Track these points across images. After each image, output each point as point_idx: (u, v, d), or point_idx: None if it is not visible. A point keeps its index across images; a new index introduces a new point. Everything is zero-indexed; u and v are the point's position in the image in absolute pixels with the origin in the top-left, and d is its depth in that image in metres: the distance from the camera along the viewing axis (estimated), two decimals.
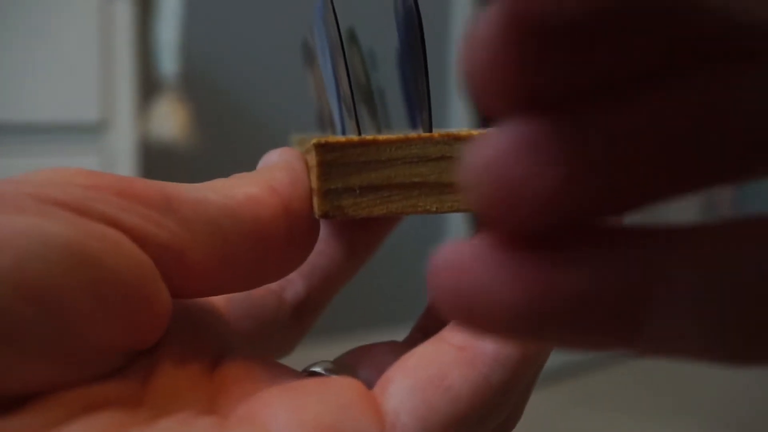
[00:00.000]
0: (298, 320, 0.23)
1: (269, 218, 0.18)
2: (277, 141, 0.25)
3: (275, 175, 0.19)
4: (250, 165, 0.21)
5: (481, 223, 0.10)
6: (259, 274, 0.19)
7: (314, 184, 0.19)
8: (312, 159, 0.19)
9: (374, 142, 0.19)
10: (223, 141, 1.41)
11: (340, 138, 0.19)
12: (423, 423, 0.16)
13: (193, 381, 0.17)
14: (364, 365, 0.19)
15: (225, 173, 0.20)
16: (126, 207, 0.16)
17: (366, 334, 1.33)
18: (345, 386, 0.16)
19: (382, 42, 0.22)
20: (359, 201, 0.19)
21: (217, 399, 0.17)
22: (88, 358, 0.15)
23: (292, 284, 0.23)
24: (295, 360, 0.20)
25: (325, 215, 0.19)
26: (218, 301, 0.21)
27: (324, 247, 0.23)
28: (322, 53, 0.21)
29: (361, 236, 0.24)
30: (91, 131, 1.11)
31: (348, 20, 0.26)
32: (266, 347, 0.21)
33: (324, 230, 0.23)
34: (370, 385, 0.17)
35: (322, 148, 0.18)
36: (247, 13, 1.44)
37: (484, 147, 0.09)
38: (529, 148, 0.09)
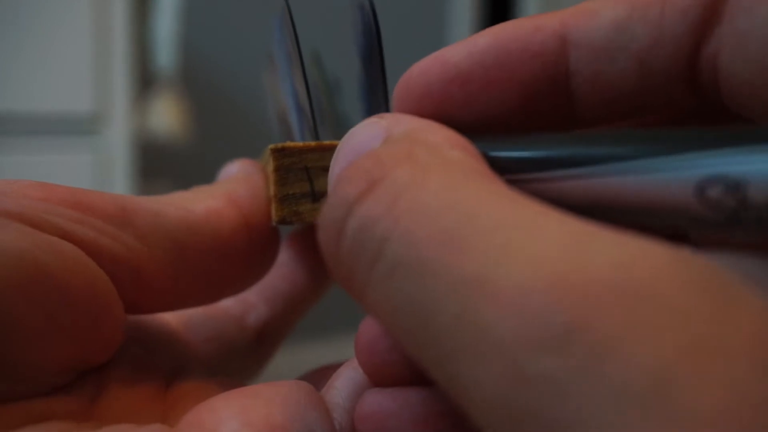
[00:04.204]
0: (261, 345, 0.22)
1: (229, 232, 0.18)
2: (274, 136, 0.24)
3: (235, 188, 0.19)
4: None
5: None
6: (219, 288, 0.19)
7: (272, 189, 0.19)
8: (270, 165, 0.19)
9: (331, 147, 0.18)
10: (219, 136, 1.41)
11: (298, 143, 0.19)
12: None
13: (143, 400, 0.17)
14: (323, 385, 0.18)
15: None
16: (81, 220, 0.16)
17: None
18: (292, 387, 0.16)
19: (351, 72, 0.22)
20: (317, 206, 0.19)
21: (169, 417, 0.17)
22: (34, 374, 0.15)
23: (255, 309, 0.22)
24: (293, 360, 0.20)
25: (282, 221, 0.19)
26: (176, 325, 0.20)
27: (286, 271, 0.23)
28: (281, 64, 0.21)
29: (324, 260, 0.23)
30: (87, 125, 1.11)
31: (322, 49, 0.25)
32: (228, 372, 0.21)
33: (286, 254, 0.23)
34: None
35: (279, 152, 0.18)
36: (245, 7, 1.44)
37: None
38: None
